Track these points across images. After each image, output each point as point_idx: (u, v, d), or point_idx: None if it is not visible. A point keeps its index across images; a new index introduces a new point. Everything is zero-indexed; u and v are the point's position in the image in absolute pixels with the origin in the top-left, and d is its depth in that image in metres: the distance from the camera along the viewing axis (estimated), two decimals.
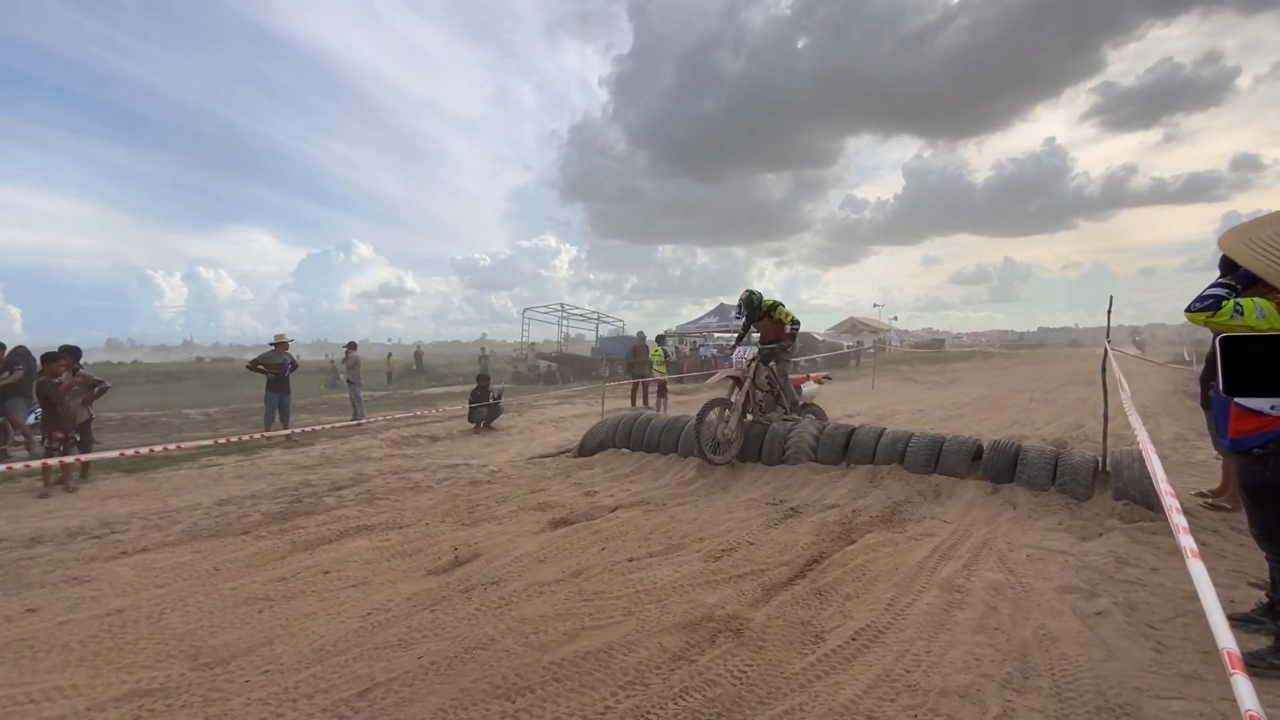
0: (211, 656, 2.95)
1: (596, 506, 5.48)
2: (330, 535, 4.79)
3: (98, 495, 6.50)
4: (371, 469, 7.60)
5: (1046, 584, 3.58)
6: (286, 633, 3.18)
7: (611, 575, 3.85)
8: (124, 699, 2.60)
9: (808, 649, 2.93)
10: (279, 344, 10.50)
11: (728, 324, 27.22)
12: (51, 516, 5.66)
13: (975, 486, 5.30)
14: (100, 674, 2.81)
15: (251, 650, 3.00)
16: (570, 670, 2.74)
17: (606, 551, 4.30)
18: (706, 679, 2.67)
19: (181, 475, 7.46)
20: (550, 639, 3.01)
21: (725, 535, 4.57)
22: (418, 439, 9.98)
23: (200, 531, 5.03)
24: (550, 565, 4.05)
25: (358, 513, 5.52)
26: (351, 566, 4.13)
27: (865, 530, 4.58)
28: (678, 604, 3.39)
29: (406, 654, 2.91)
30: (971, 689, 2.55)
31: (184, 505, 5.92)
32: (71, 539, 4.92)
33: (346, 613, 3.40)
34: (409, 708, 2.47)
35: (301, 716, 2.43)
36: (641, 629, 3.12)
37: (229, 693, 2.63)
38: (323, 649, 2.99)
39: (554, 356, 26.21)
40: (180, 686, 2.69)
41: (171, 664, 2.89)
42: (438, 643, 3.02)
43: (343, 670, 2.78)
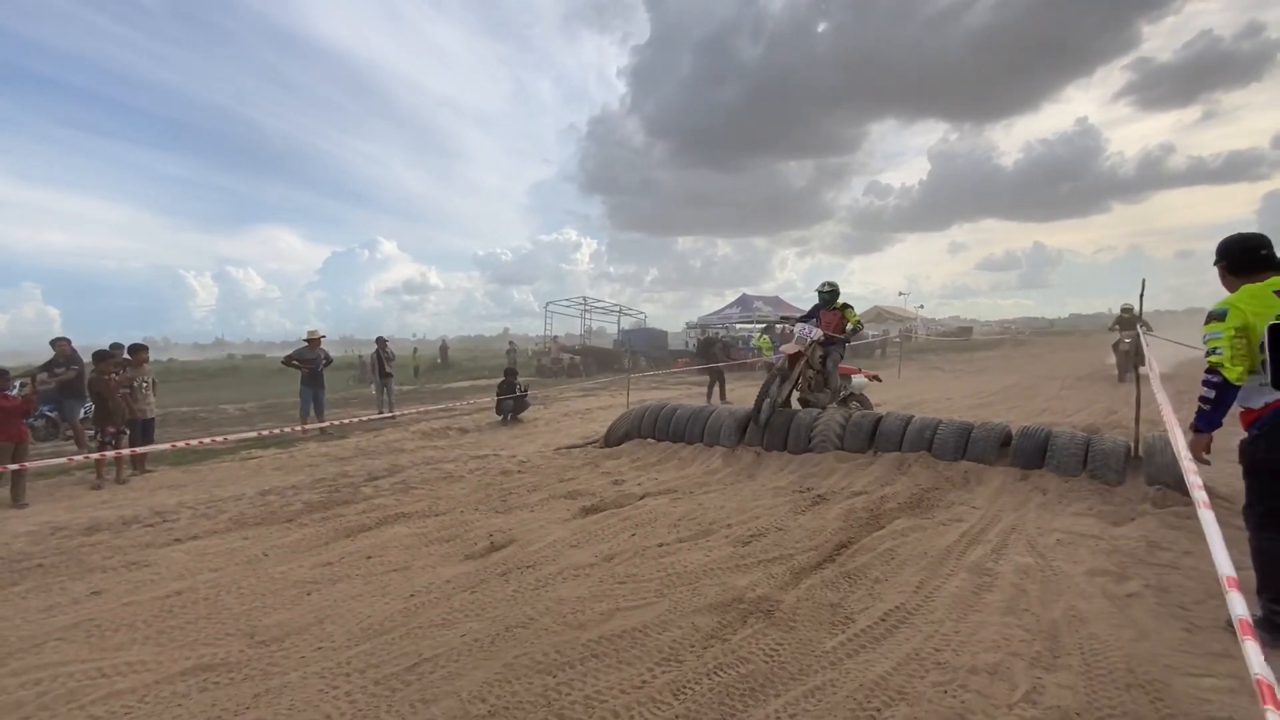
0: (267, 635, 3.11)
1: (625, 494, 5.58)
2: (370, 523, 4.96)
3: (147, 487, 6.79)
4: (405, 460, 7.80)
5: (1076, 567, 3.59)
6: (335, 613, 3.34)
7: (643, 560, 3.95)
8: (189, 673, 2.77)
9: (838, 629, 2.99)
10: (312, 340, 10.79)
11: (750, 315, 27.16)
12: (106, 506, 5.94)
13: (1004, 473, 5.29)
14: (165, 650, 2.99)
15: (304, 629, 3.16)
16: (608, 647, 2.84)
17: (637, 537, 4.39)
18: (739, 656, 2.75)
19: (224, 467, 7.75)
20: (587, 618, 3.12)
21: (753, 521, 4.64)
22: (448, 431, 10.19)
23: (247, 520, 5.25)
24: (583, 550, 4.16)
25: (394, 501, 5.70)
26: (392, 552, 4.29)
27: (893, 516, 4.61)
28: (709, 586, 3.48)
29: (450, 632, 3.04)
30: (1001, 666, 2.60)
31: (229, 495, 6.16)
32: (127, 527, 5.18)
33: (390, 595, 3.55)
34: (456, 681, 2.59)
35: (355, 689, 2.57)
36: (675, 610, 3.21)
37: (286, 667, 2.78)
38: (370, 628, 3.14)
39: (577, 349, 26.41)
40: (240, 661, 2.86)
41: (230, 641, 3.06)
42: (479, 622, 3.14)
43: (391, 647, 2.92)
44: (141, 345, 8.18)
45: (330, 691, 2.56)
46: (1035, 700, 2.38)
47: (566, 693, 2.51)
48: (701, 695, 2.48)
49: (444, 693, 2.51)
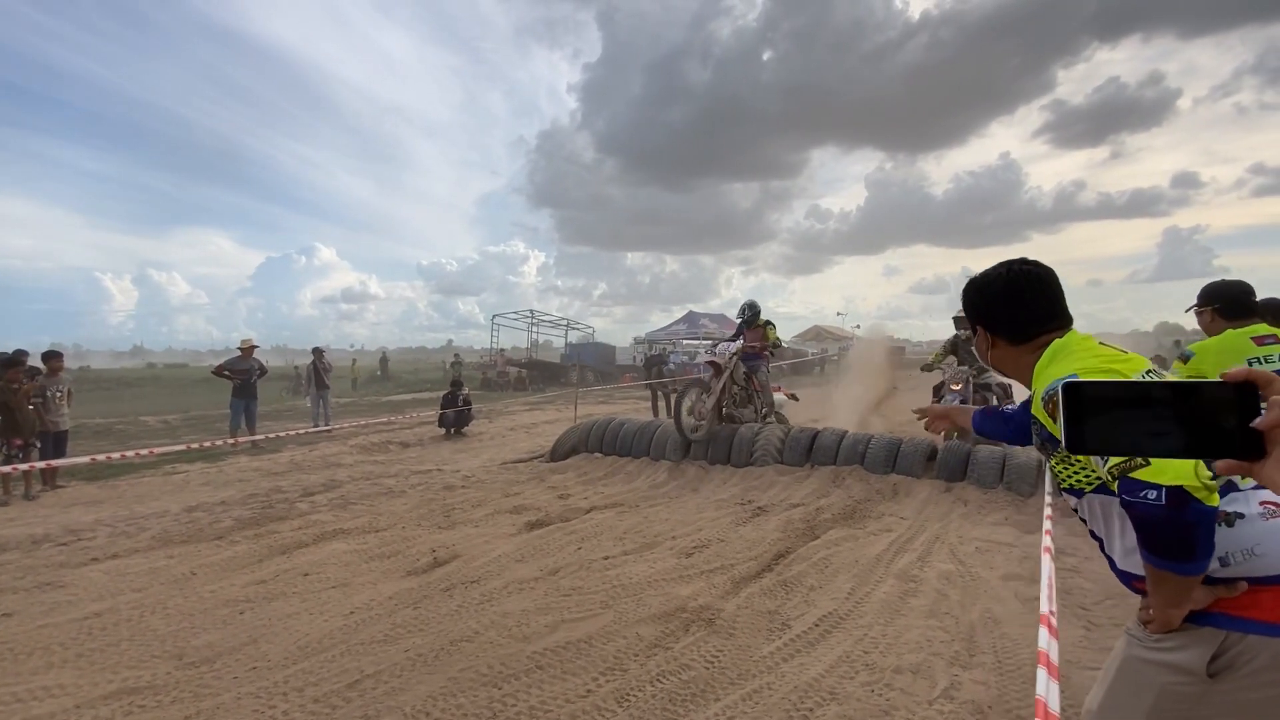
0: (196, 656, 3.00)
1: (571, 508, 5.62)
2: (306, 539, 4.82)
3: (59, 503, 6.36)
4: (343, 475, 7.58)
5: (992, 573, 3.87)
6: (270, 632, 3.25)
7: (588, 572, 4.00)
8: (112, 696, 2.65)
9: (774, 635, 3.13)
10: (245, 349, 10.36)
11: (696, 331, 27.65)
12: (13, 524, 5.53)
13: (930, 485, 5.62)
14: (86, 674, 2.85)
15: (236, 649, 3.06)
16: (552, 659, 2.88)
17: (583, 550, 4.44)
18: (681, 664, 2.85)
19: (146, 483, 7.33)
20: (532, 631, 3.15)
21: (697, 533, 4.77)
22: (388, 445, 9.94)
23: (172, 537, 5.00)
24: (528, 564, 4.18)
25: (332, 517, 5.54)
26: (330, 569, 4.19)
27: (828, 526, 4.83)
28: (653, 597, 3.57)
29: (393, 648, 3.02)
30: (923, 666, 2.79)
31: (151, 512, 5.85)
32: (37, 546, 4.85)
33: (329, 612, 3.48)
34: (399, 696, 2.58)
35: (293, 708, 2.52)
36: (619, 620, 3.28)
37: (218, 689, 2.70)
38: (308, 646, 3.07)
39: (524, 363, 26.20)
40: (168, 684, 2.75)
41: (157, 664, 2.94)
42: (423, 637, 3.13)
43: (330, 665, 2.88)
44: (56, 352, 7.68)
45: (266, 712, 2.50)
46: (953, 696, 2.58)
47: (512, 704, 2.54)
48: (645, 702, 2.56)
49: (387, 708, 2.50)
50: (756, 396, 7.42)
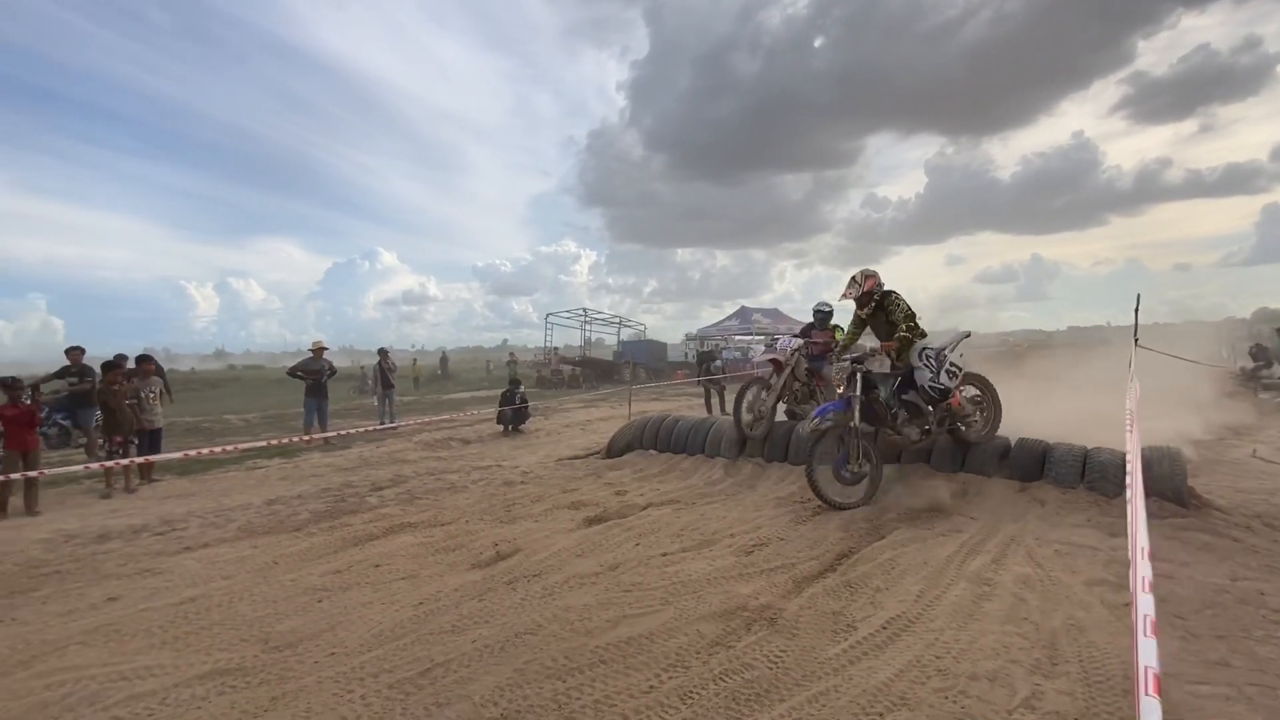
0: (280, 640, 3.17)
1: (628, 505, 5.64)
2: (377, 532, 5.02)
3: (155, 496, 6.85)
4: (408, 470, 7.87)
5: (1075, 577, 3.66)
6: (346, 620, 3.40)
7: (647, 569, 4.01)
8: (206, 677, 2.83)
9: (840, 637, 3.06)
10: (317, 351, 10.88)
11: (749, 326, 27.29)
12: (115, 515, 6.00)
13: (1003, 485, 5.36)
14: (182, 655, 3.05)
15: (316, 635, 3.22)
16: (615, 654, 2.90)
17: (641, 547, 4.46)
18: (744, 663, 2.82)
19: (230, 477, 7.81)
20: (594, 626, 3.18)
21: (755, 531, 4.71)
22: (450, 442, 10.25)
23: (255, 529, 5.31)
24: (587, 559, 4.22)
25: (400, 511, 5.76)
26: (399, 561, 4.35)
27: (893, 527, 4.68)
28: (713, 595, 3.54)
29: (460, 639, 3.10)
30: (1001, 673, 2.66)
31: (236, 505, 6.22)
32: (137, 535, 5.24)
33: (400, 602, 3.62)
34: (468, 685, 2.66)
35: (370, 693, 2.63)
36: (680, 617, 3.28)
37: (301, 672, 2.84)
38: (382, 634, 3.20)
39: (577, 361, 26.52)
40: (255, 666, 2.92)
41: (245, 647, 3.12)
42: (489, 629, 3.21)
43: (402, 653, 2.98)
44: (148, 356, 8.27)
45: (345, 695, 2.62)
46: (1034, 706, 2.45)
47: (576, 697, 2.57)
48: (708, 700, 2.55)
49: (457, 696, 2.57)
50: (819, 393, 7.26)
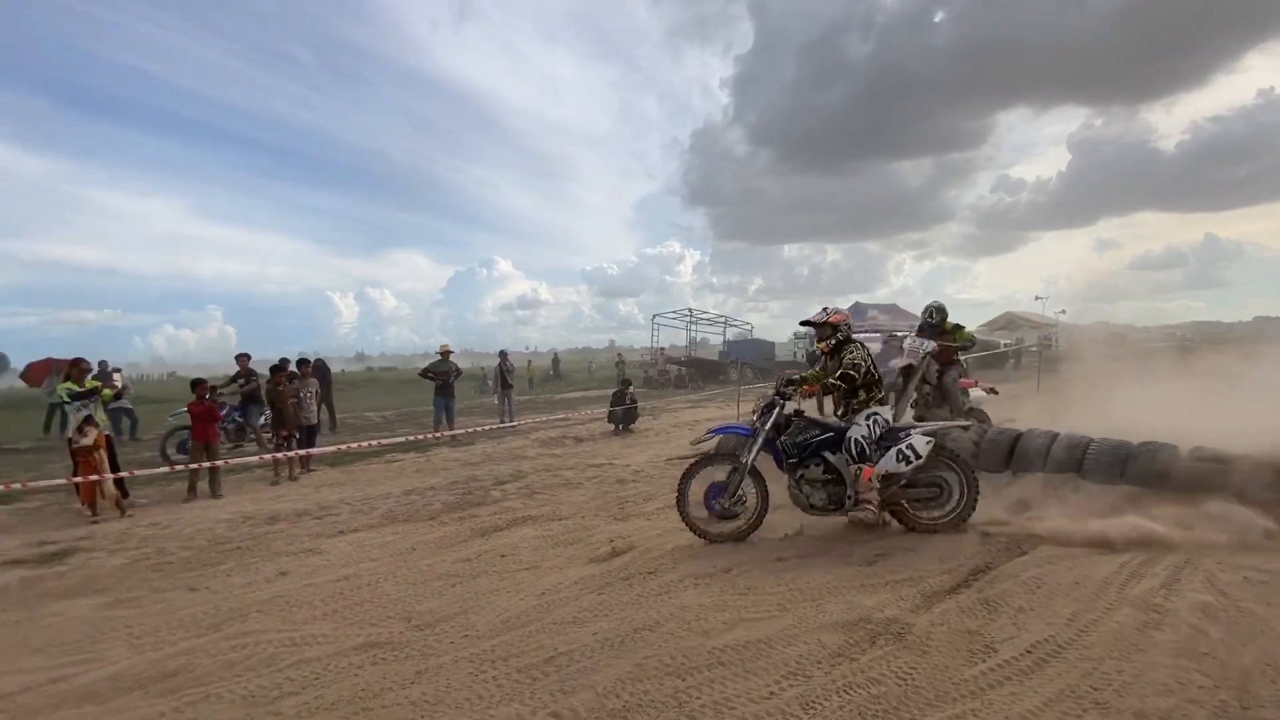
0: (421, 620, 3.45)
1: None
2: (501, 524, 5.33)
3: (313, 484, 7.69)
4: (527, 466, 8.27)
5: (1272, 610, 3.15)
6: (477, 605, 3.63)
7: (762, 572, 3.94)
8: (360, 648, 3.14)
9: (977, 658, 2.84)
10: (444, 353, 11.71)
11: (863, 323, 26.00)
12: (282, 500, 6.80)
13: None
14: (339, 627, 3.41)
15: (451, 617, 3.47)
16: (733, 656, 2.88)
17: (754, 550, 4.39)
18: (869, 677, 2.69)
19: (373, 469, 8.60)
20: (710, 626, 3.18)
21: (878, 541, 4.48)
22: (564, 440, 10.65)
23: (396, 516, 5.81)
24: (700, 560, 4.22)
25: (521, 505, 6.07)
26: (523, 552, 4.59)
27: (1038, 542, 4.27)
28: (834, 604, 3.41)
29: (582, 630, 3.21)
30: (1175, 713, 2.35)
31: (379, 494, 6.84)
32: (300, 519, 5.91)
33: (524, 591, 3.81)
34: (591, 676, 2.75)
35: (501, 675, 2.79)
36: (798, 625, 3.19)
37: (439, 651, 3.07)
38: (509, 621, 3.38)
39: (683, 361, 26.57)
40: (400, 642, 3.19)
41: (391, 623, 3.43)
42: (608, 622, 3.30)
43: (528, 640, 3.14)
44: (305, 360, 9.30)
45: (479, 675, 2.80)
46: None
47: (696, 696, 2.58)
48: (832, 712, 2.46)
49: (581, 685, 2.67)
50: (948, 398, 6.85)
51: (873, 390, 4.59)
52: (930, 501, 4.59)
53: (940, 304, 7.15)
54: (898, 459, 4.41)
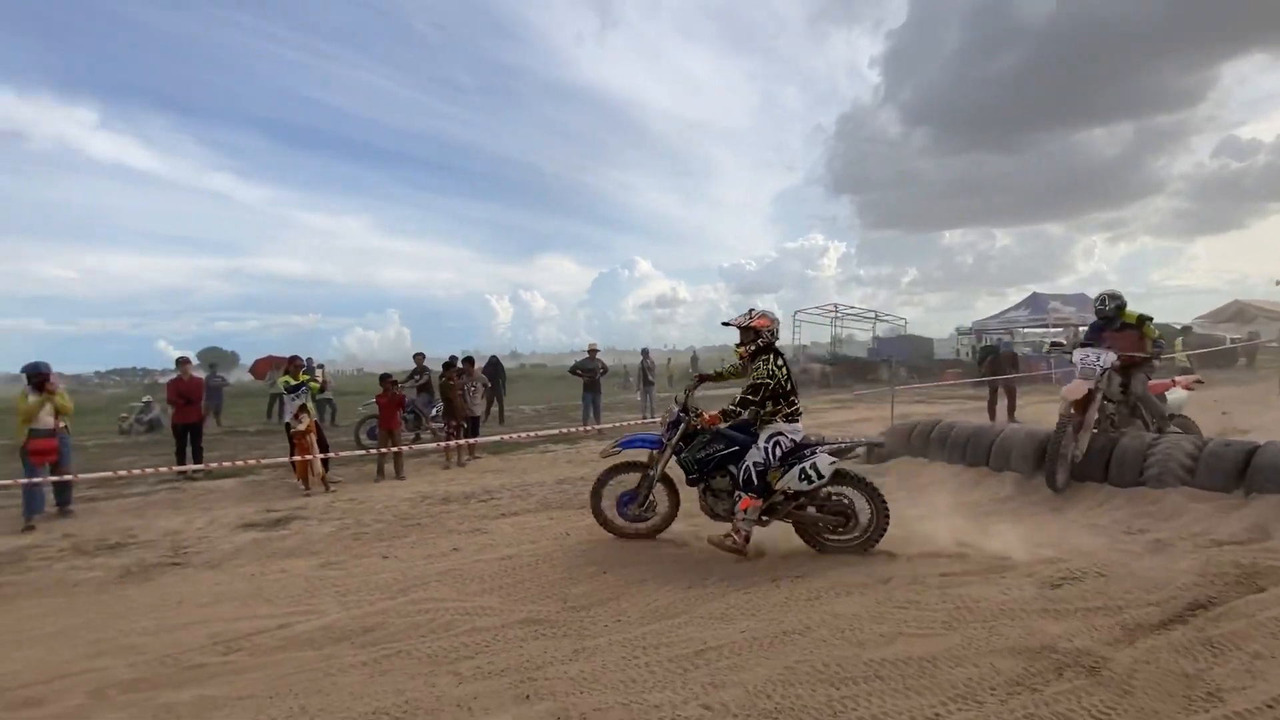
0: (575, 602, 3.65)
1: (898, 517, 5.22)
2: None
3: (477, 470, 8.43)
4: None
5: None
6: (627, 592, 3.77)
7: (923, 587, 3.67)
8: (523, 623, 3.39)
9: (1197, 707, 2.42)
10: (592, 352, 12.26)
11: (1043, 316, 23.18)
12: (453, 483, 7.54)
13: None
14: (505, 601, 3.70)
15: (604, 602, 3.63)
16: (892, 671, 2.72)
17: (913, 563, 4.10)
18: (1056, 711, 2.40)
19: (529, 459, 9.24)
20: (866, 637, 3.02)
21: (1064, 561, 3.98)
22: None
23: (550, 503, 6.20)
24: (853, 568, 4.03)
25: None
26: (669, 545, 4.67)
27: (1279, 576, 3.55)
28: (1009, 628, 3.09)
29: (729, 627, 3.21)
30: None
31: (534, 481, 7.34)
32: (468, 501, 6.51)
33: (672, 583, 3.88)
34: (740, 673, 2.73)
35: (653, 662, 2.87)
36: (967, 646, 2.93)
37: (594, 632, 3.23)
38: (658, 610, 3.47)
39: (827, 359, 25.46)
40: (558, 621, 3.40)
41: (549, 603, 3.66)
42: (755, 621, 3.26)
43: (677, 631, 3.20)
44: (470, 358, 10.21)
45: (632, 660, 2.90)
46: None
47: (852, 707, 2.47)
48: None
49: (731, 682, 2.67)
50: (1141, 407, 5.87)
51: (780, 404, 4.36)
52: (837, 523, 4.36)
53: (1115, 291, 6.11)
54: (800, 477, 4.24)
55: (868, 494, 4.39)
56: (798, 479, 4.25)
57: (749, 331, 4.49)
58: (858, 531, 4.36)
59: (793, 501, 4.35)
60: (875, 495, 4.38)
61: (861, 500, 4.39)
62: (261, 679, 2.93)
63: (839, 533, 4.38)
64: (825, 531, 4.40)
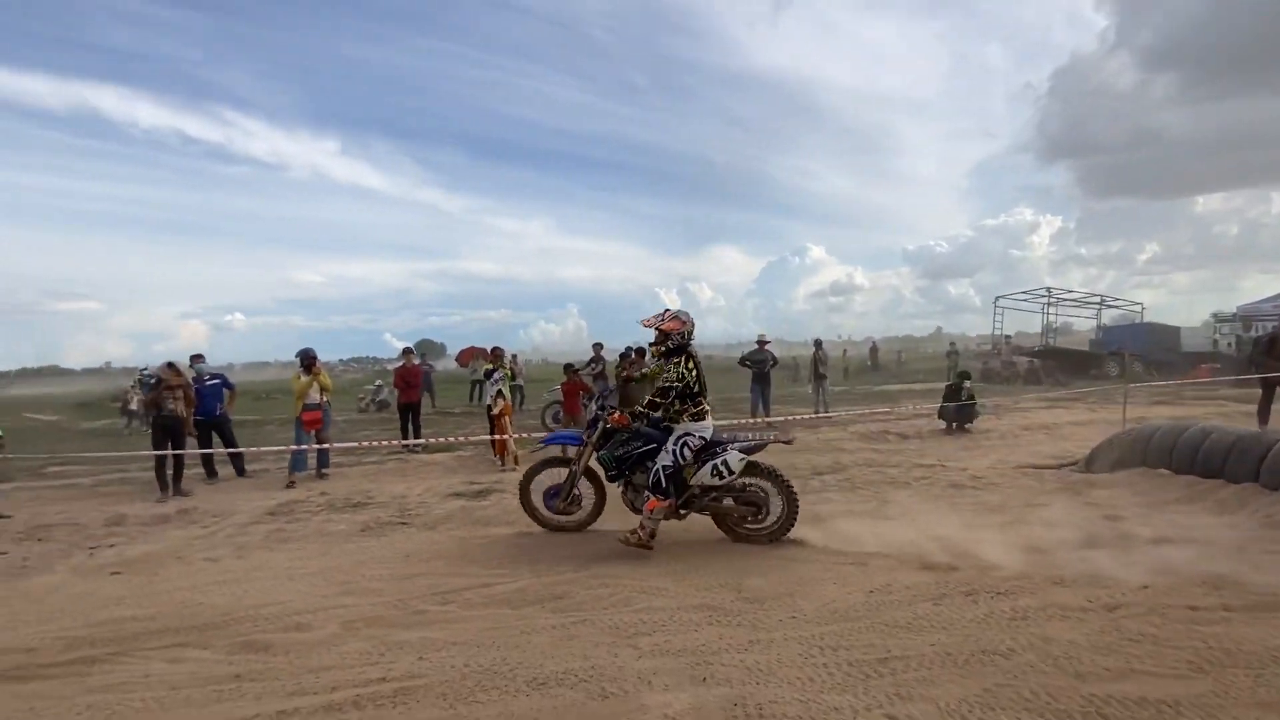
0: (749, 594, 3.65)
1: (1126, 536, 4.49)
2: (823, 514, 5.27)
3: None
4: (847, 459, 8.01)
5: None
6: (802, 590, 3.68)
7: (1163, 620, 3.11)
8: (698, 608, 3.47)
9: None
10: (761, 343, 12.08)
11: None
12: None
13: None
14: (679, 585, 3.82)
15: (778, 597, 3.58)
16: (1122, 713, 2.35)
17: (1149, 591, 3.49)
18: None
19: None
20: (1086, 670, 2.64)
21: None
22: (886, 435, 10.01)
23: None
24: (1070, 589, 3.53)
25: (842, 498, 5.93)
26: (840, 554, 4.46)
27: None
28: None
29: (917, 638, 3.00)
30: None
31: None
32: None
33: (850, 585, 3.71)
34: (930, 688, 2.54)
35: (831, 664, 2.78)
36: (1223, 695, 2.44)
37: (769, 626, 3.21)
38: (836, 612, 3.34)
39: (1037, 351, 22.39)
40: (731, 610, 3.43)
41: (722, 591, 3.71)
42: (948, 636, 3.01)
43: (858, 635, 3.05)
44: (643, 349, 10.60)
45: (809, 658, 2.84)
46: None
47: None
48: None
49: (919, 695, 2.49)
50: None
51: (687, 404, 4.51)
52: (751, 514, 4.63)
53: None
54: (712, 473, 4.50)
55: (779, 486, 4.65)
56: (710, 474, 4.51)
57: (660, 335, 4.60)
58: (770, 521, 4.63)
59: (708, 494, 4.61)
60: (786, 488, 4.65)
61: (774, 492, 4.65)
62: (470, 629, 3.34)
63: (753, 522, 4.66)
64: (741, 522, 4.67)
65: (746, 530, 4.66)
